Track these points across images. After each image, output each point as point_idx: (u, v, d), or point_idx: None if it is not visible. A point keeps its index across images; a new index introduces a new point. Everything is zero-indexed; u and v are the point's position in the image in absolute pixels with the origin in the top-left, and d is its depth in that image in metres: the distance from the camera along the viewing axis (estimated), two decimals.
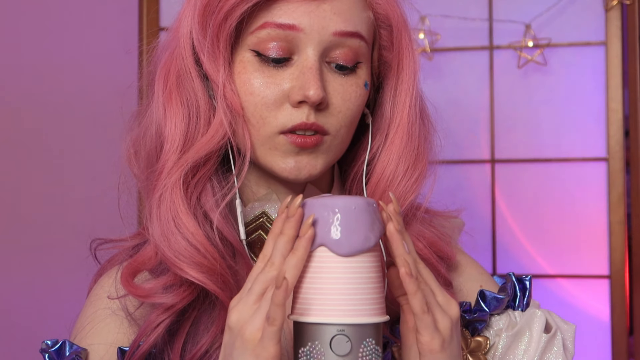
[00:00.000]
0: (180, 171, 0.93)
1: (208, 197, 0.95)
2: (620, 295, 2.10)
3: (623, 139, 2.12)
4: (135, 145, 1.01)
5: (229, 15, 0.91)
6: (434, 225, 1.05)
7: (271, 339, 0.77)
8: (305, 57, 0.92)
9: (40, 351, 0.95)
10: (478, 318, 1.01)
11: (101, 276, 1.03)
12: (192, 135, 0.95)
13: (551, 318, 1.03)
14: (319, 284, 0.80)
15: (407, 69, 1.00)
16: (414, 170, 0.98)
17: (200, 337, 0.94)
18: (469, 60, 2.19)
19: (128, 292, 0.94)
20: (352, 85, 0.95)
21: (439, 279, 1.00)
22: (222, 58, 0.93)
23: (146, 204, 0.98)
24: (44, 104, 1.99)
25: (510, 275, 1.05)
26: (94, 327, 0.97)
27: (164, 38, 1.02)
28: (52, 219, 1.99)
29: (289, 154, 0.94)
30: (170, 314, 0.93)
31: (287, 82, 0.93)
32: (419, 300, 0.81)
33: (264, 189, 1.00)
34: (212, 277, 0.91)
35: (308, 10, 0.91)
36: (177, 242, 0.92)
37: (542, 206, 2.17)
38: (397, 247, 0.82)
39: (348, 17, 0.93)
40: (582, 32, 2.14)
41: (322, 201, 0.81)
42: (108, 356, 0.94)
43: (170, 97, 0.96)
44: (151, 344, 0.92)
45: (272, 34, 0.92)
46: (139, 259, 0.96)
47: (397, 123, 0.99)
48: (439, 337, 0.82)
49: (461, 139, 2.18)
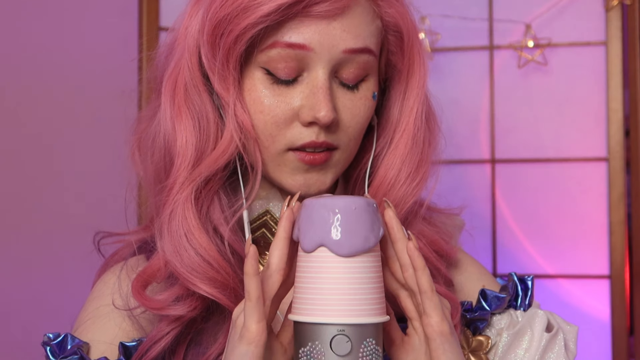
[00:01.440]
0: (192, 186, 0.93)
1: (216, 210, 0.95)
2: (620, 295, 2.10)
3: (623, 139, 2.12)
4: (140, 150, 1.01)
5: (239, 38, 0.90)
6: (434, 223, 1.05)
7: (250, 315, 0.77)
8: (315, 76, 0.92)
9: (42, 344, 0.95)
10: (479, 317, 1.01)
11: (105, 271, 1.03)
12: (203, 150, 0.94)
13: (553, 319, 1.04)
14: (319, 284, 0.80)
15: (417, 75, 0.99)
16: (416, 175, 0.99)
17: (206, 346, 0.94)
18: (469, 60, 2.19)
19: (141, 304, 0.93)
20: (361, 99, 0.95)
21: (440, 278, 1.00)
22: (231, 78, 0.93)
23: (156, 220, 0.97)
24: (44, 103, 1.99)
25: (512, 275, 1.05)
26: (96, 323, 0.97)
27: (168, 40, 1.00)
28: (54, 214, 1.99)
29: (298, 171, 0.94)
30: (179, 323, 0.93)
31: (297, 101, 0.92)
32: (427, 277, 0.81)
33: (268, 187, 1.00)
34: (225, 292, 0.91)
35: (318, 29, 0.91)
36: (190, 258, 0.92)
37: (542, 206, 2.17)
38: (398, 230, 0.83)
39: (358, 33, 0.93)
40: (582, 32, 2.14)
41: (322, 201, 0.81)
42: (108, 352, 0.94)
43: (180, 112, 0.95)
44: (159, 352, 0.93)
45: (282, 53, 0.91)
46: (148, 270, 0.96)
47: (403, 128, 0.99)
48: (446, 319, 0.83)
49: (461, 139, 2.18)
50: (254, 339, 0.78)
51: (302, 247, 0.81)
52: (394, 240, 0.84)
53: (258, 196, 1.00)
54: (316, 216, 0.81)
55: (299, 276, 0.82)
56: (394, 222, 0.83)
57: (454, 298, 0.98)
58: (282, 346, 0.85)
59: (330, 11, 0.90)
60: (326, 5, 0.89)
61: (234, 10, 0.90)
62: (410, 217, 1.00)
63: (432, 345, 0.83)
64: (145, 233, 1.02)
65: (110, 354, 0.94)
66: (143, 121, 1.03)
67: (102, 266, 1.06)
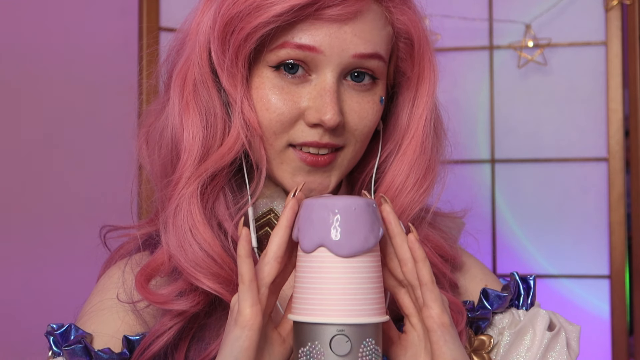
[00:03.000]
0: (198, 182, 0.93)
1: (221, 206, 0.95)
2: (620, 295, 2.10)
3: (623, 139, 2.12)
4: (148, 144, 1.01)
5: (250, 37, 0.91)
6: (438, 227, 1.05)
7: (244, 299, 0.77)
8: (324, 79, 0.92)
9: (46, 334, 0.95)
10: (481, 316, 1.02)
11: (110, 266, 1.03)
12: (209, 146, 0.95)
13: (556, 318, 1.03)
14: (319, 284, 0.80)
15: (427, 83, 1.00)
16: (423, 181, 0.98)
17: (207, 342, 0.95)
18: (469, 60, 2.19)
19: (144, 298, 0.93)
20: (369, 102, 0.95)
21: (445, 281, 1.00)
22: (240, 75, 0.93)
23: (161, 214, 0.97)
24: (44, 103, 1.99)
25: (514, 275, 1.05)
26: (99, 316, 0.97)
27: (180, 35, 1.01)
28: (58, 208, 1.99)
29: (300, 171, 0.94)
30: (182, 318, 0.93)
31: (305, 101, 0.92)
32: (428, 268, 0.82)
33: (272, 186, 1.00)
34: (228, 288, 0.91)
35: (329, 32, 0.91)
36: (194, 253, 0.92)
37: (542, 206, 2.17)
38: (396, 225, 0.83)
39: (369, 38, 0.93)
40: (582, 32, 2.14)
41: (322, 201, 0.81)
42: (111, 344, 0.94)
43: (187, 108, 0.95)
44: (161, 346, 0.93)
45: (292, 54, 0.91)
46: (152, 264, 0.96)
47: (412, 135, 0.99)
48: (447, 312, 0.83)
49: (461, 139, 2.18)
50: (247, 323, 0.78)
51: (302, 248, 0.81)
52: (392, 235, 0.84)
53: (262, 195, 1.00)
54: (316, 216, 0.81)
55: (299, 276, 0.82)
56: (392, 216, 0.84)
57: (460, 305, 0.98)
58: (281, 336, 0.85)
59: (342, 15, 0.90)
60: (338, 9, 0.90)
61: (246, 8, 0.90)
62: (416, 222, 1.00)
63: (433, 337, 0.83)
64: (150, 227, 1.02)
65: (113, 347, 0.94)
66: (151, 115, 1.03)
67: (107, 260, 1.06)
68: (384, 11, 0.96)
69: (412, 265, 0.83)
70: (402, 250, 0.84)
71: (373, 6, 0.94)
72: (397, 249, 0.84)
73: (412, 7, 0.99)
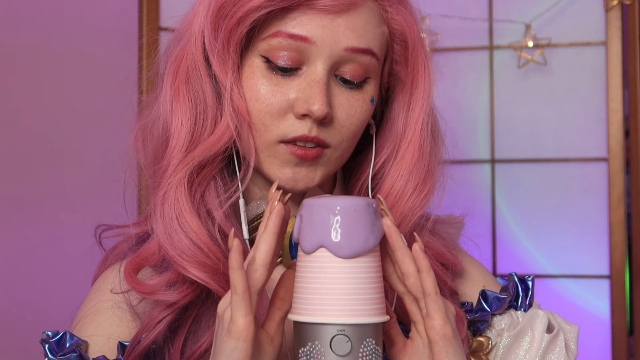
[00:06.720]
0: (185, 170, 0.93)
1: (212, 196, 0.95)
2: (620, 295, 2.10)
3: (623, 139, 2.12)
4: (143, 135, 1.01)
5: (241, 21, 0.91)
6: (439, 234, 1.04)
7: (237, 309, 0.76)
8: (314, 70, 0.92)
9: (41, 342, 0.95)
10: (480, 318, 1.01)
11: (105, 266, 1.03)
12: (198, 134, 0.95)
13: (554, 319, 1.03)
14: (319, 285, 0.80)
15: (422, 86, 0.99)
16: (423, 187, 0.98)
17: (201, 335, 0.94)
18: (469, 60, 2.19)
19: (132, 287, 0.93)
20: (358, 100, 0.95)
21: (445, 289, 1.00)
22: (231, 61, 0.93)
23: (151, 200, 0.97)
24: (44, 103, 1.99)
25: (513, 275, 1.04)
26: (95, 319, 0.96)
27: (177, 30, 1.01)
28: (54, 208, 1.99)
29: (288, 164, 0.94)
30: (172, 310, 0.93)
31: (294, 93, 0.92)
32: (432, 279, 0.80)
33: (266, 187, 1.00)
34: (215, 277, 0.91)
35: (322, 23, 0.91)
36: (180, 241, 0.92)
37: (542, 206, 2.17)
38: (397, 239, 0.81)
39: (362, 33, 0.92)
40: (582, 32, 2.14)
41: (322, 202, 0.81)
42: (107, 348, 0.94)
43: (178, 94, 0.95)
44: (152, 340, 0.92)
45: (284, 43, 0.91)
46: (142, 254, 0.96)
47: (409, 139, 0.99)
48: (450, 322, 0.82)
49: (461, 139, 2.18)
50: (242, 334, 0.77)
51: (302, 248, 0.81)
52: (393, 249, 0.82)
53: (256, 196, 1.00)
54: (316, 217, 0.80)
55: (299, 276, 0.82)
56: (392, 230, 0.81)
57: (461, 313, 0.97)
58: (269, 335, 0.83)
59: (335, 6, 0.90)
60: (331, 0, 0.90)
61: None
62: (417, 231, 0.99)
63: (435, 348, 0.82)
64: (145, 225, 1.02)
65: (109, 348, 0.93)
66: (148, 106, 1.03)
67: (102, 260, 1.05)
68: (380, 9, 0.95)
69: (414, 279, 0.82)
70: (405, 265, 0.82)
71: (369, 2, 0.94)
72: (400, 263, 0.82)
73: (409, 8, 0.99)
